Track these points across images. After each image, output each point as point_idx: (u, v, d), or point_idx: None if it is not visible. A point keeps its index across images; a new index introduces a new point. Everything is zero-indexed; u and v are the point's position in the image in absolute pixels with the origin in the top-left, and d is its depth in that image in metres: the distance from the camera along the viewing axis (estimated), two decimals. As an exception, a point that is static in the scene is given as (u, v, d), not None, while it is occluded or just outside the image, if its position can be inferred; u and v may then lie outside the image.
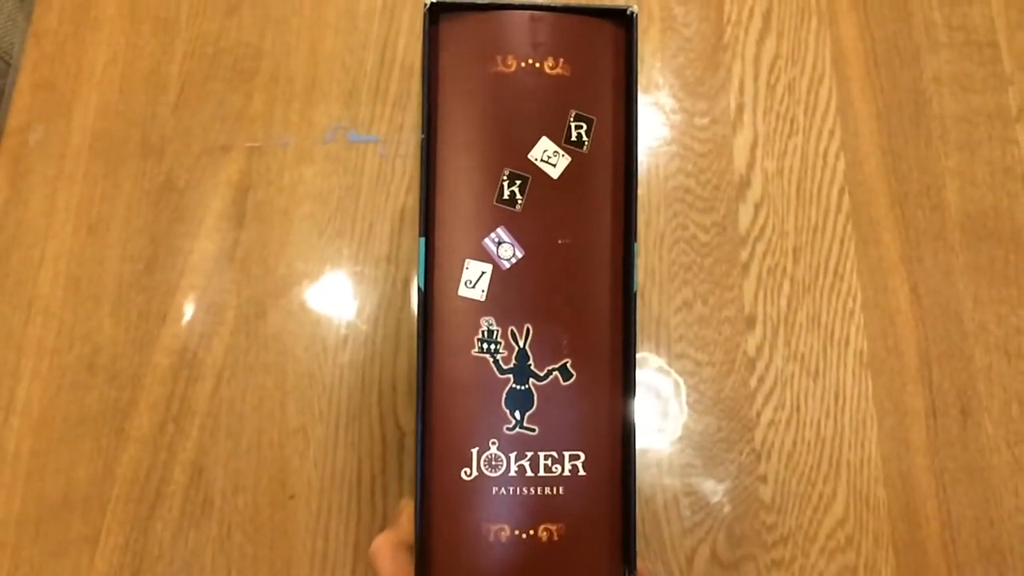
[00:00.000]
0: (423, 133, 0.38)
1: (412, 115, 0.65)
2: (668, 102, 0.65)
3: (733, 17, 0.67)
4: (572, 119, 0.38)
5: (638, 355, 0.58)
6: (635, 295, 0.38)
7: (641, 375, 0.58)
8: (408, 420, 0.57)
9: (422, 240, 0.38)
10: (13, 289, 0.60)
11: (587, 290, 0.38)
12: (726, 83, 0.66)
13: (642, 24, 0.67)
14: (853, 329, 0.59)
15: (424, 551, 0.37)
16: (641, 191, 0.62)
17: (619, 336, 0.38)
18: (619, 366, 0.38)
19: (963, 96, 0.65)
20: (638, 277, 0.38)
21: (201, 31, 0.67)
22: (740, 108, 0.65)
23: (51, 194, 0.63)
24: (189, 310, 0.60)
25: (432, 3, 0.38)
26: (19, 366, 0.58)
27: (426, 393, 0.38)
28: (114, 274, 0.61)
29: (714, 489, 0.56)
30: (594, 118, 0.38)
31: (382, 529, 0.55)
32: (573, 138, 0.38)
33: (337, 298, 0.60)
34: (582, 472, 0.37)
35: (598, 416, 0.38)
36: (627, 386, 0.38)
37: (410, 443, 0.57)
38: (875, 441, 0.57)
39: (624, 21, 0.39)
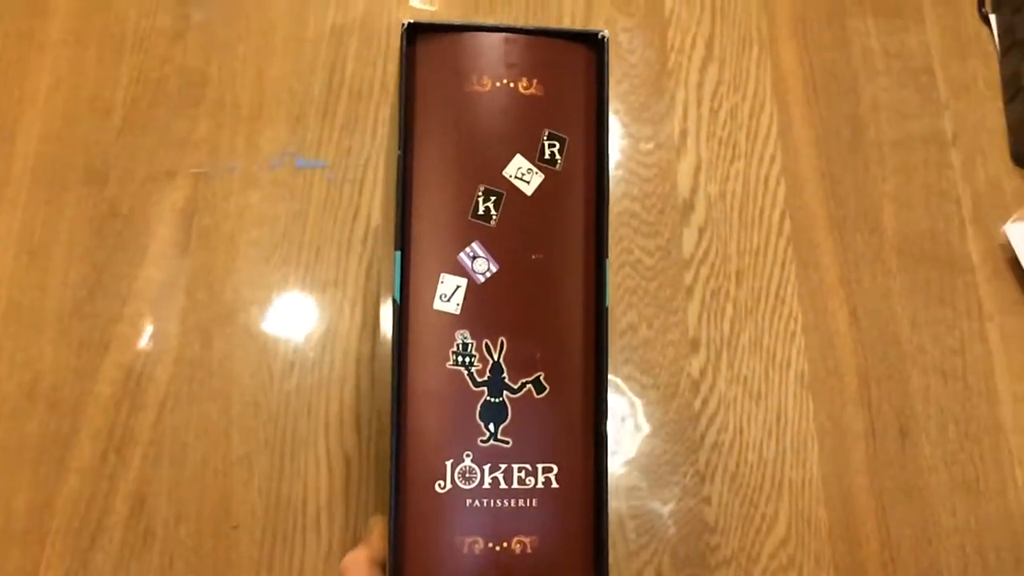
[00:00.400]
0: (399, 149, 0.38)
1: (360, 140, 0.65)
2: (614, 127, 0.66)
3: (676, 44, 0.68)
4: (545, 138, 0.39)
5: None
6: (607, 310, 0.39)
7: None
8: (353, 448, 0.57)
9: (398, 254, 0.38)
10: (-49, 318, 0.59)
11: (560, 304, 0.39)
12: (670, 109, 0.67)
13: (588, 50, 0.68)
14: (794, 351, 0.60)
15: (397, 564, 0.37)
16: (587, 216, 0.63)
17: (591, 350, 0.39)
18: (591, 380, 0.39)
19: (900, 122, 0.67)
20: (608, 292, 0.39)
21: (146, 56, 0.67)
22: (684, 133, 0.66)
23: (-8, 221, 0.62)
24: (132, 338, 0.59)
25: (409, 23, 0.38)
26: (-43, 396, 0.58)
27: (401, 406, 0.38)
28: (56, 301, 0.60)
29: (659, 511, 0.57)
30: (567, 137, 0.39)
31: (326, 558, 0.55)
32: (546, 156, 0.39)
33: (284, 325, 0.60)
34: (555, 484, 0.38)
35: (571, 429, 0.38)
36: (599, 399, 0.39)
37: (355, 472, 0.56)
38: (816, 462, 0.58)
39: (595, 45, 0.40)
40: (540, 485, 0.38)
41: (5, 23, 0.67)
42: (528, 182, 0.39)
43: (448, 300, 0.38)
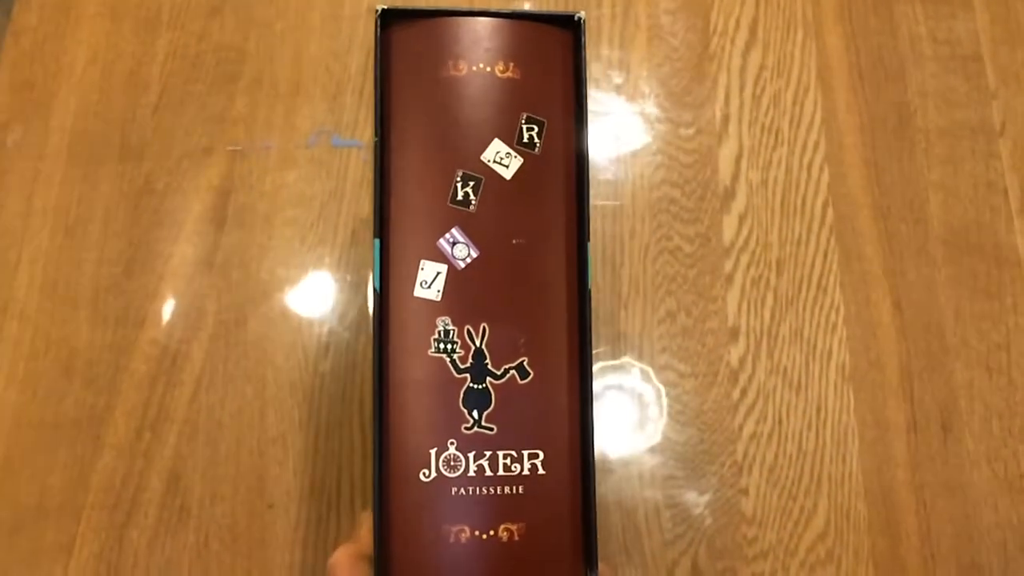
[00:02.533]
0: (376, 136, 0.38)
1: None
2: (654, 111, 0.65)
3: (719, 27, 0.67)
4: (524, 121, 0.39)
5: (621, 366, 0.58)
6: (589, 293, 0.39)
7: (624, 384, 0.58)
8: (389, 429, 0.57)
9: (377, 241, 0.38)
10: (-12, 292, 0.59)
11: (542, 289, 0.38)
12: (712, 93, 0.65)
13: (629, 31, 0.67)
14: (835, 342, 0.59)
15: (384, 555, 0.37)
16: (626, 201, 0.62)
17: (575, 334, 0.39)
18: (576, 364, 0.39)
19: (947, 110, 0.65)
20: (591, 275, 0.38)
21: (183, 32, 0.66)
22: (726, 119, 0.65)
23: (28, 195, 0.62)
24: (168, 315, 0.59)
25: (384, 9, 0.38)
26: (-7, 370, 0.58)
27: (383, 394, 0.37)
28: (91, 278, 0.60)
29: (696, 501, 0.56)
30: (545, 120, 0.39)
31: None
32: (525, 140, 0.39)
33: (319, 305, 0.60)
34: (541, 471, 0.37)
35: (556, 414, 0.38)
36: (584, 384, 0.38)
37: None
38: (856, 455, 0.57)
39: (572, 27, 0.40)
40: (526, 472, 0.37)
41: (42, -4, 0.67)
42: (507, 166, 0.38)
43: (429, 287, 0.38)
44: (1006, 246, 0.62)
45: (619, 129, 0.64)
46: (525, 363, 0.38)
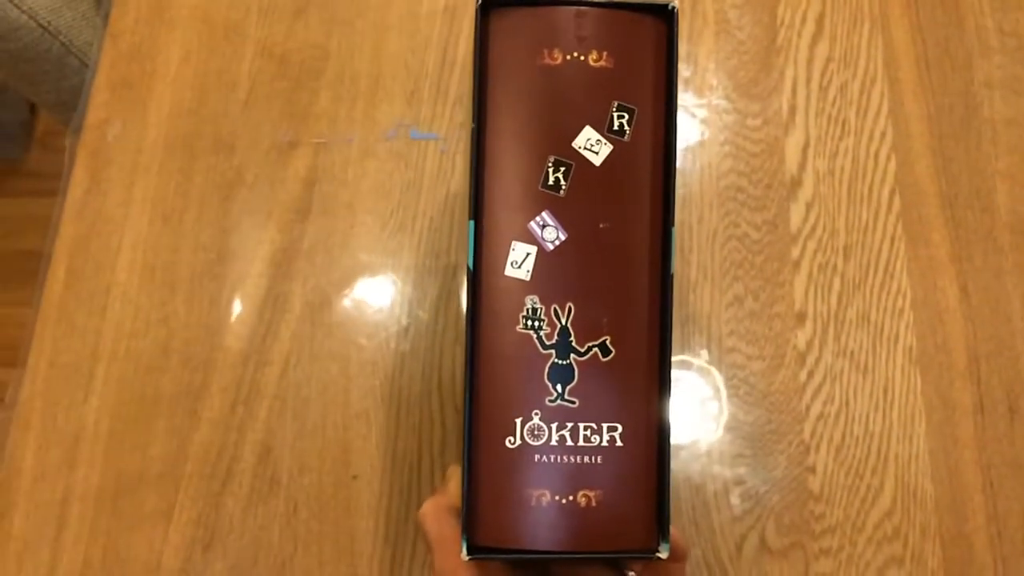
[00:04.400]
0: (473, 122, 0.40)
1: (471, 114, 0.67)
2: (721, 103, 0.67)
3: (786, 20, 0.69)
4: (614, 109, 0.40)
5: (689, 349, 0.60)
6: (672, 277, 0.40)
7: (692, 367, 0.60)
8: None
9: (472, 223, 0.40)
10: (93, 275, 0.63)
11: (626, 272, 0.40)
12: (779, 85, 0.67)
13: (696, 26, 0.69)
14: (902, 326, 0.61)
15: (470, 513, 0.39)
16: (694, 189, 0.64)
17: (656, 316, 0.40)
18: (656, 344, 0.40)
19: (1014, 100, 0.66)
20: (675, 262, 0.40)
21: (270, 32, 0.70)
22: (792, 110, 0.66)
23: (128, 186, 0.66)
24: (258, 298, 0.62)
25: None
26: (98, 348, 0.61)
27: (474, 366, 0.40)
28: (187, 263, 0.63)
29: (764, 479, 0.58)
30: (635, 108, 0.40)
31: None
32: (615, 127, 0.40)
33: (399, 289, 0.63)
34: (619, 443, 0.39)
35: (635, 391, 0.40)
36: (663, 363, 0.40)
37: (469, 428, 0.59)
38: (923, 436, 0.58)
39: (665, 16, 0.41)
40: (605, 443, 0.39)
41: (138, 1, 0.71)
42: (597, 153, 0.40)
43: (519, 267, 0.40)
44: (1074, 233, 0.62)
45: (688, 120, 0.66)
46: (607, 342, 0.40)
